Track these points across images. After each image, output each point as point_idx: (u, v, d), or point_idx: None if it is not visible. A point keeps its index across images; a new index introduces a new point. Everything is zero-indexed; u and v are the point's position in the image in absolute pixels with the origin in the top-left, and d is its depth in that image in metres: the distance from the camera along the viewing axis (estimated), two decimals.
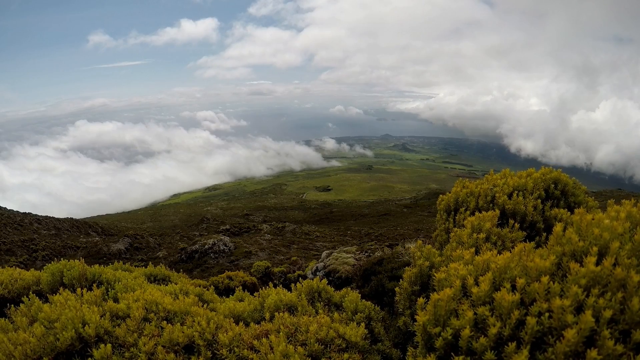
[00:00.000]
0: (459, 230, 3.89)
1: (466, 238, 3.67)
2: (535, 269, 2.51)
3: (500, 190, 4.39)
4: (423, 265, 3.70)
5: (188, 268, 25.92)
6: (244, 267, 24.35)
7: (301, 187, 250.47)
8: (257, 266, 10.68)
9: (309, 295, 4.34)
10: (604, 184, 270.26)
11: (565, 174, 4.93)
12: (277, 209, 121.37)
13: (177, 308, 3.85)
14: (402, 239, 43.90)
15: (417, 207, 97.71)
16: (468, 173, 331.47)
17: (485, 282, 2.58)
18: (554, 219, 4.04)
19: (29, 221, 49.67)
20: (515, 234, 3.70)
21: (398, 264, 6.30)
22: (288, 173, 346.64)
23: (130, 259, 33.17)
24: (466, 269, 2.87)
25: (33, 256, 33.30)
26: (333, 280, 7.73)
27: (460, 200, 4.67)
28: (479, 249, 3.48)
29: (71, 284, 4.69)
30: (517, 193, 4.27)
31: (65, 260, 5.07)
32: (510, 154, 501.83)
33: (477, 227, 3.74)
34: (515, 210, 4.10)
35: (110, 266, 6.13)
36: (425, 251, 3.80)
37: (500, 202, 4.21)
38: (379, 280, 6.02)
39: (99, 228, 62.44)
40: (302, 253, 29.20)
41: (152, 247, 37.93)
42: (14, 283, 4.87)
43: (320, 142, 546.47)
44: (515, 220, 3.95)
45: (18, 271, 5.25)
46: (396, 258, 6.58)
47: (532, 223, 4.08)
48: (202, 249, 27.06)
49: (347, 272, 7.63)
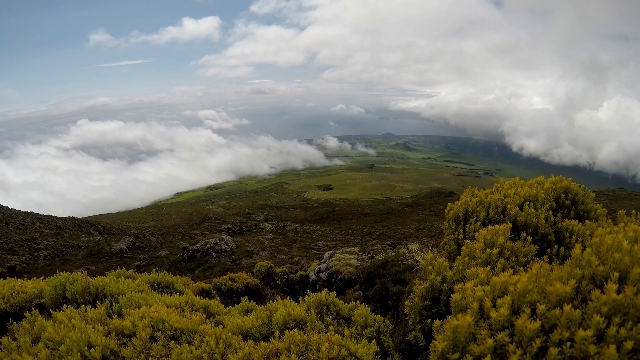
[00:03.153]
0: (470, 243, 3.79)
1: (479, 253, 3.61)
2: (556, 294, 2.46)
3: (512, 201, 4.33)
4: (435, 280, 3.62)
5: (190, 267, 25.85)
6: (245, 266, 24.26)
7: (303, 186, 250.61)
8: (260, 266, 10.56)
9: (318, 308, 4.24)
10: (606, 183, 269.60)
11: (575, 183, 4.88)
12: (278, 208, 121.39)
13: (185, 326, 3.72)
14: (404, 238, 43.81)
15: (419, 206, 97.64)
16: (470, 172, 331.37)
17: (504, 306, 2.52)
18: (565, 230, 4.01)
19: (30, 220, 49.69)
20: (528, 247, 3.65)
21: (402, 267, 6.32)
22: (290, 172, 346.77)
23: (132, 258, 33.13)
24: (483, 291, 2.79)
25: (35, 255, 33.26)
26: (336, 282, 7.68)
27: (470, 211, 4.57)
28: (492, 265, 3.42)
29: (74, 298, 4.58)
30: (529, 204, 4.21)
31: (68, 273, 4.94)
32: (512, 152, 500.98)
33: (489, 241, 3.67)
34: (527, 223, 4.05)
35: (112, 273, 6.01)
36: (436, 265, 3.70)
37: (511, 213, 4.16)
38: (383, 283, 6.02)
39: (101, 227, 62.49)
40: (303, 252, 29.10)
41: (154, 246, 37.86)
42: (15, 297, 4.73)
43: (322, 141, 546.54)
44: (527, 232, 3.91)
45: (20, 283, 5.08)
46: (400, 261, 6.59)
47: (543, 235, 4.02)
48: (203, 248, 26.97)
49: (350, 273, 7.62)
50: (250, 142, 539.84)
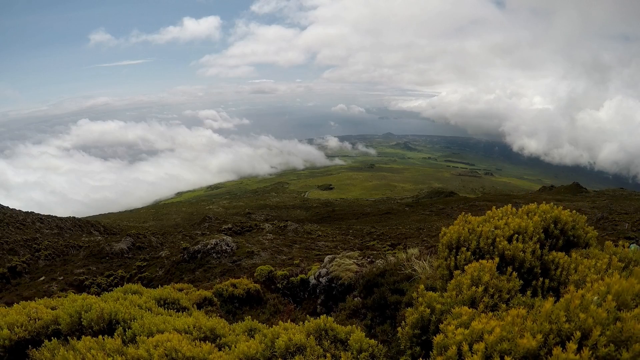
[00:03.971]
0: (460, 276, 4.12)
1: (466, 289, 3.93)
2: (523, 346, 2.85)
3: (501, 233, 4.54)
4: (424, 312, 3.97)
5: (191, 268, 25.89)
6: (246, 267, 24.30)
7: (303, 186, 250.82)
8: (260, 270, 10.62)
9: (317, 332, 4.52)
10: (607, 182, 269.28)
11: (566, 211, 5.14)
12: (279, 208, 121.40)
13: (196, 354, 4.03)
14: (404, 238, 43.88)
15: (419, 205, 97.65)
16: (470, 172, 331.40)
17: (478, 353, 2.94)
18: (552, 262, 4.22)
19: (31, 220, 49.74)
20: (513, 283, 3.95)
21: (400, 277, 6.41)
22: (291, 171, 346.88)
23: (133, 259, 33.17)
24: (462, 334, 3.18)
25: (35, 255, 33.29)
26: (336, 287, 7.78)
27: (462, 239, 4.77)
28: (477, 302, 3.80)
29: (90, 325, 4.82)
30: (517, 237, 4.47)
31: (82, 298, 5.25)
32: (513, 152, 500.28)
33: (476, 278, 3.97)
34: (515, 256, 4.27)
35: (119, 288, 6.20)
36: (427, 297, 4.06)
37: (500, 247, 4.37)
38: (381, 293, 6.14)
39: (101, 227, 62.52)
40: (304, 253, 29.14)
41: (155, 247, 37.91)
42: (32, 324, 4.90)
43: (322, 141, 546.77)
44: (514, 266, 4.19)
45: (34, 308, 5.26)
46: (398, 270, 6.68)
47: (530, 268, 4.24)
48: (204, 248, 26.98)
49: (349, 278, 7.75)
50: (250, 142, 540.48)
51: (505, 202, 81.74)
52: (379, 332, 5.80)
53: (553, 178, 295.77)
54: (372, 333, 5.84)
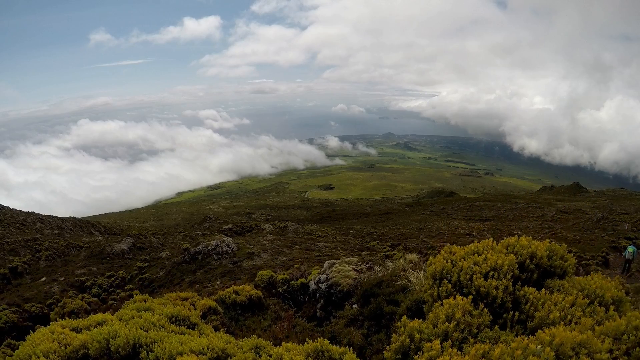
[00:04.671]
0: (437, 309, 4.65)
1: (440, 324, 4.44)
2: None
3: (479, 270, 4.97)
4: (405, 341, 4.54)
5: (191, 269, 25.94)
6: (246, 268, 24.36)
7: (304, 186, 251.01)
8: (261, 275, 10.74)
9: (314, 353, 4.87)
10: (607, 182, 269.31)
11: (544, 244, 5.51)
12: (279, 208, 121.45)
13: None
14: (404, 239, 43.92)
15: (420, 205, 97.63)
16: (471, 172, 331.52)
17: None
18: (523, 297, 4.69)
19: (31, 220, 49.83)
20: (483, 318, 4.43)
21: (395, 288, 6.69)
22: (291, 171, 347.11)
23: (133, 259, 33.21)
24: None
25: (36, 256, 33.35)
26: (335, 293, 8.11)
27: (444, 272, 5.23)
28: (449, 336, 4.33)
29: (117, 350, 5.26)
30: (493, 274, 4.88)
31: (109, 327, 5.57)
32: (513, 152, 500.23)
33: (450, 314, 4.48)
34: (488, 293, 4.71)
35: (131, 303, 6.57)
36: (408, 327, 4.60)
37: (476, 284, 4.82)
38: (377, 303, 6.46)
39: (102, 227, 62.63)
40: (304, 254, 29.19)
41: (155, 247, 37.96)
42: (64, 349, 5.30)
43: (323, 141, 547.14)
44: (487, 301, 4.67)
45: (62, 334, 5.62)
46: (394, 281, 6.95)
47: (501, 303, 4.68)
48: (205, 250, 27.03)
49: (348, 285, 8.01)
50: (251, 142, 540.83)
51: (506, 202, 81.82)
52: (375, 340, 6.05)
53: (553, 178, 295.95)
54: (369, 341, 6.11)
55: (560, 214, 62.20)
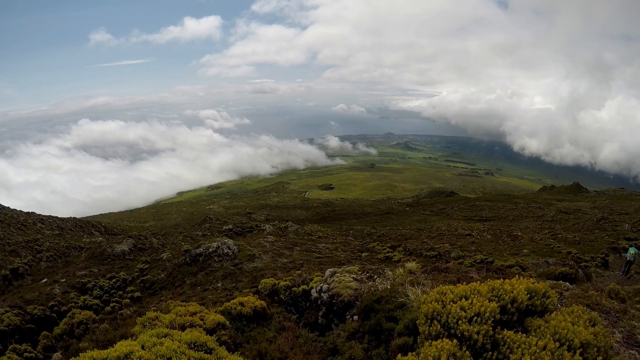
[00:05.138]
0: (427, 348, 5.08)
1: None
2: None
3: (464, 315, 5.48)
4: None
5: (193, 271, 26.00)
6: (247, 270, 24.42)
7: (304, 186, 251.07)
8: (264, 283, 10.93)
9: None
10: (608, 182, 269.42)
11: (525, 286, 5.99)
12: (279, 208, 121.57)
13: None
14: (404, 239, 43.99)
15: (420, 205, 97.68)
16: (471, 172, 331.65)
17: None
18: (501, 339, 5.23)
19: (32, 221, 49.89)
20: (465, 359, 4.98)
21: (394, 305, 7.03)
22: (292, 171, 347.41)
23: (134, 260, 33.24)
24: None
25: (37, 257, 33.38)
26: (336, 303, 8.42)
27: (435, 313, 5.71)
28: None
29: None
30: (476, 319, 5.40)
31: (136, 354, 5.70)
32: (513, 152, 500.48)
33: (436, 357, 4.89)
34: (471, 336, 5.22)
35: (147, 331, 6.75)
36: None
37: (461, 328, 5.31)
38: (377, 319, 6.80)
39: (102, 227, 62.71)
40: (304, 256, 29.25)
41: (156, 248, 38.01)
42: None
43: (323, 140, 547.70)
44: (470, 343, 5.21)
45: None
46: (393, 297, 7.26)
47: (482, 345, 5.21)
48: (206, 252, 27.09)
49: (349, 295, 8.27)
50: (251, 142, 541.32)
51: (506, 202, 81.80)
52: (375, 355, 6.35)
53: (554, 178, 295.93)
54: (369, 355, 6.41)
55: (561, 214, 62.34)
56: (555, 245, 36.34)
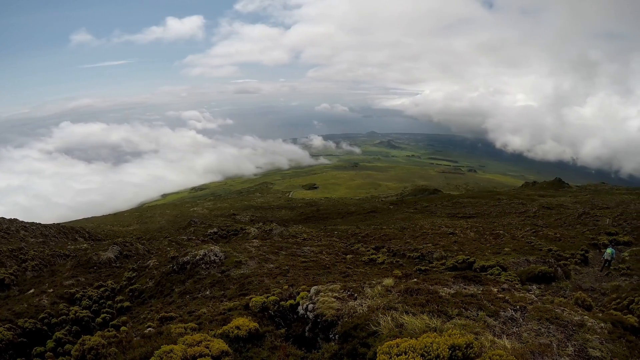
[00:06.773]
0: None
1: None
2: None
3: None
4: None
5: (181, 279, 26.32)
6: (234, 277, 24.81)
7: (288, 186, 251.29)
8: (255, 302, 11.60)
9: None
10: (590, 177, 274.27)
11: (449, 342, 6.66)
12: (263, 208, 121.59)
13: None
14: (388, 240, 44.66)
15: (403, 203, 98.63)
16: (454, 169, 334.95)
17: None
18: None
19: (15, 229, 49.59)
20: None
21: (367, 332, 7.95)
22: (276, 171, 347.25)
23: (121, 268, 33.35)
24: None
25: (22, 266, 33.24)
26: (321, 322, 9.28)
27: None
28: None
29: None
30: None
31: None
32: (496, 149, 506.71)
33: None
34: None
35: None
36: None
37: None
38: (353, 345, 7.76)
39: (86, 233, 62.37)
40: (290, 260, 29.73)
41: (142, 255, 38.18)
42: None
43: (307, 140, 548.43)
44: None
45: None
46: (366, 326, 8.17)
47: None
48: (193, 259, 27.47)
49: (332, 316, 9.13)
50: (235, 142, 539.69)
51: (489, 198, 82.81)
52: None
53: (536, 174, 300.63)
54: None
55: (543, 210, 63.61)
56: (537, 242, 37.28)
